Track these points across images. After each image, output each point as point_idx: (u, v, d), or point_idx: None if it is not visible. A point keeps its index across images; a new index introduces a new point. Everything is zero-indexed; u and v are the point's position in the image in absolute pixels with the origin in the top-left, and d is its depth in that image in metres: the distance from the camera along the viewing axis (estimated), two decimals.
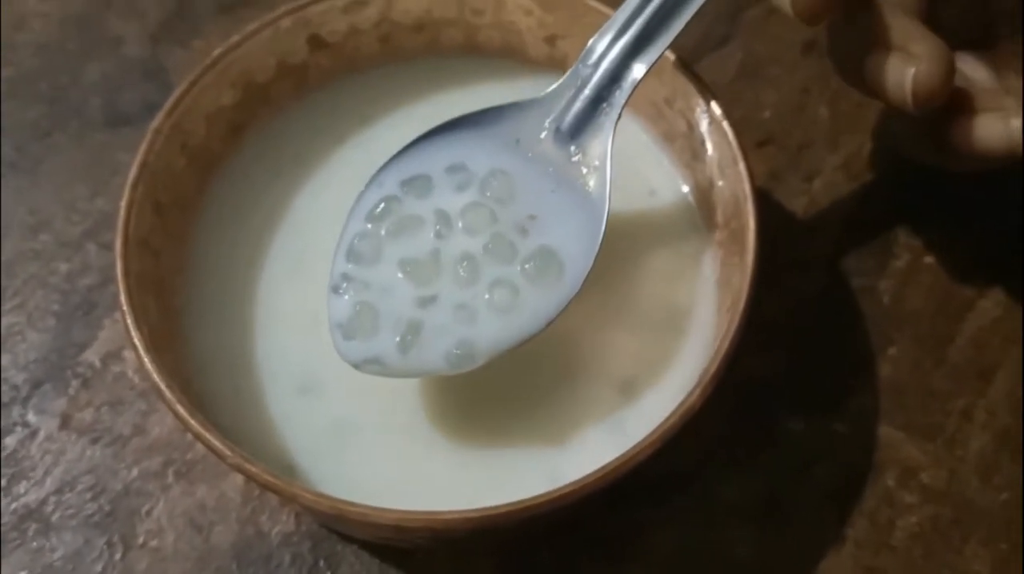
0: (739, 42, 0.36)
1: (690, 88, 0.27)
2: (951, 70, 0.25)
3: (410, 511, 0.22)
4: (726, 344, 0.24)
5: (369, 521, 0.22)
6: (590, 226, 0.26)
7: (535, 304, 0.25)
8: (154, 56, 0.36)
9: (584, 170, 0.26)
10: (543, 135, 0.27)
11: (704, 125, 0.27)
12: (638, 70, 0.26)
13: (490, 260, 0.25)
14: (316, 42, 0.30)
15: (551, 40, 0.30)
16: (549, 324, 0.25)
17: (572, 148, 0.27)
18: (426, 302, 0.25)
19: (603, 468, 0.22)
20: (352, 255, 0.26)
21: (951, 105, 0.27)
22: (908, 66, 0.25)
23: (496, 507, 0.22)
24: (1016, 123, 0.26)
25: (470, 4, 0.30)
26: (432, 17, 0.31)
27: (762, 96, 0.35)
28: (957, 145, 0.27)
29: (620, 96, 0.26)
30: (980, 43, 0.28)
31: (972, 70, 0.28)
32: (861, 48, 0.26)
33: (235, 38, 0.29)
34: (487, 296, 0.25)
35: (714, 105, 0.27)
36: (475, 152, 0.27)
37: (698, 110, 0.27)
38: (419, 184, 0.26)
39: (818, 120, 0.34)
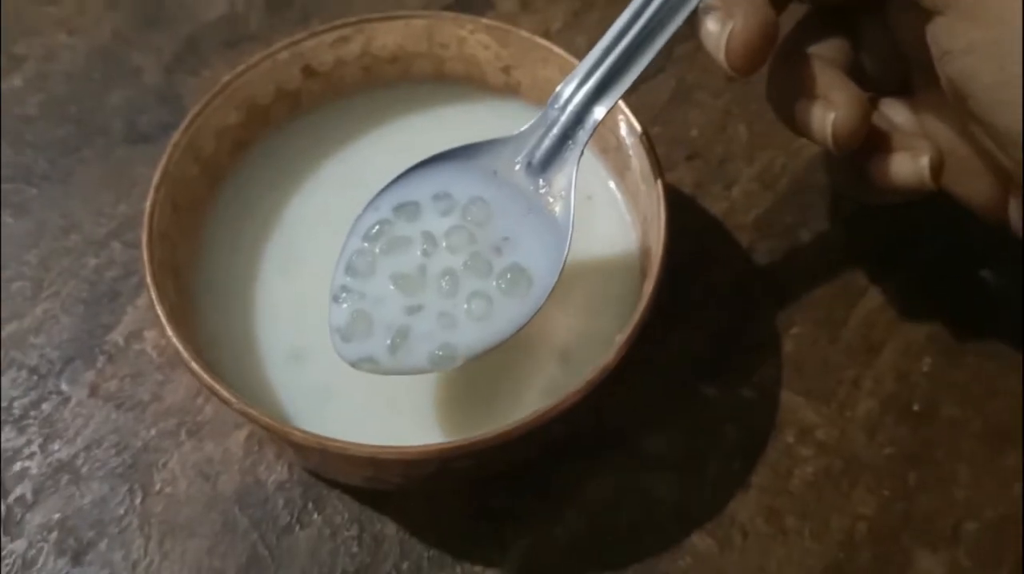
0: (672, 72, 0.40)
1: (617, 111, 0.31)
2: (866, 117, 0.28)
3: (383, 446, 0.25)
4: (638, 317, 0.27)
5: (348, 454, 0.25)
6: (556, 247, 0.28)
7: (507, 313, 0.28)
8: (169, 84, 0.40)
9: (551, 199, 0.29)
10: (517, 167, 0.29)
11: (628, 139, 0.31)
12: (598, 112, 0.28)
13: (469, 275, 0.28)
14: (308, 71, 0.34)
15: (506, 70, 0.34)
16: (519, 330, 0.28)
17: (541, 180, 0.29)
18: (413, 310, 0.28)
19: (536, 412, 0.26)
20: (350, 270, 0.28)
21: (871, 144, 0.29)
22: (828, 112, 0.27)
23: (453, 442, 0.25)
24: (924, 161, 0.28)
25: (437, 39, 0.34)
26: (405, 51, 0.34)
27: (690, 117, 0.38)
28: (875, 179, 0.29)
29: (583, 135, 0.28)
30: (902, 90, 0.31)
31: (894, 113, 0.30)
32: (791, 94, 0.29)
33: (240, 67, 0.32)
34: (466, 306, 0.28)
35: (635, 123, 0.31)
36: (458, 181, 0.29)
37: (622, 127, 0.31)
38: (409, 209, 0.29)
39: (737, 138, 0.38)
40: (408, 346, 0.27)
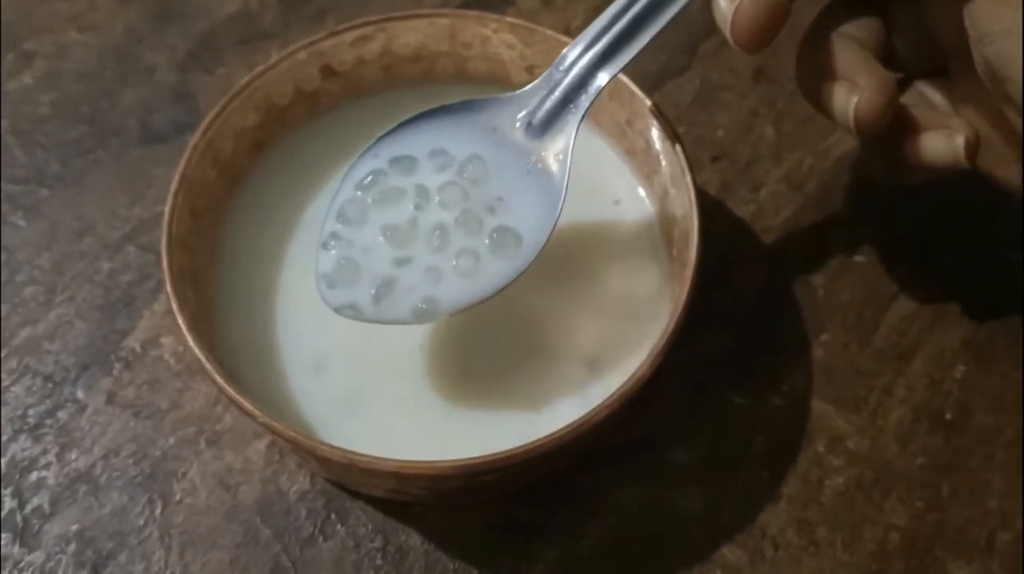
0: (696, 71, 0.39)
1: (647, 111, 0.31)
2: (890, 102, 0.27)
3: (408, 461, 0.25)
4: (673, 324, 0.27)
5: (374, 469, 0.25)
6: (548, 210, 0.28)
7: (493, 272, 0.27)
8: (183, 82, 0.39)
9: (549, 161, 0.28)
10: (517, 126, 0.29)
11: (658, 143, 0.31)
12: (602, 78, 0.28)
13: (459, 231, 0.28)
14: (327, 71, 0.33)
15: (530, 69, 0.33)
16: (500, 291, 0.27)
17: (540, 141, 0.29)
18: (402, 262, 0.28)
19: (568, 426, 0.25)
20: (341, 217, 0.28)
21: (905, 122, 0.28)
22: (852, 95, 0.27)
23: (480, 457, 0.25)
24: (959, 139, 0.28)
25: (460, 38, 0.33)
26: (428, 50, 0.34)
27: (716, 118, 0.38)
28: (909, 158, 0.28)
29: (585, 100, 0.28)
30: (936, 73, 0.30)
31: (930, 93, 0.30)
32: (818, 75, 0.28)
33: (258, 68, 0.31)
34: (454, 262, 0.27)
35: (666, 126, 0.30)
36: (457, 137, 0.29)
37: (653, 130, 0.31)
38: (405, 163, 0.29)
39: (764, 139, 0.37)
40: (392, 297, 0.27)
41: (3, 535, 0.30)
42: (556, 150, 0.29)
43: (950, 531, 0.30)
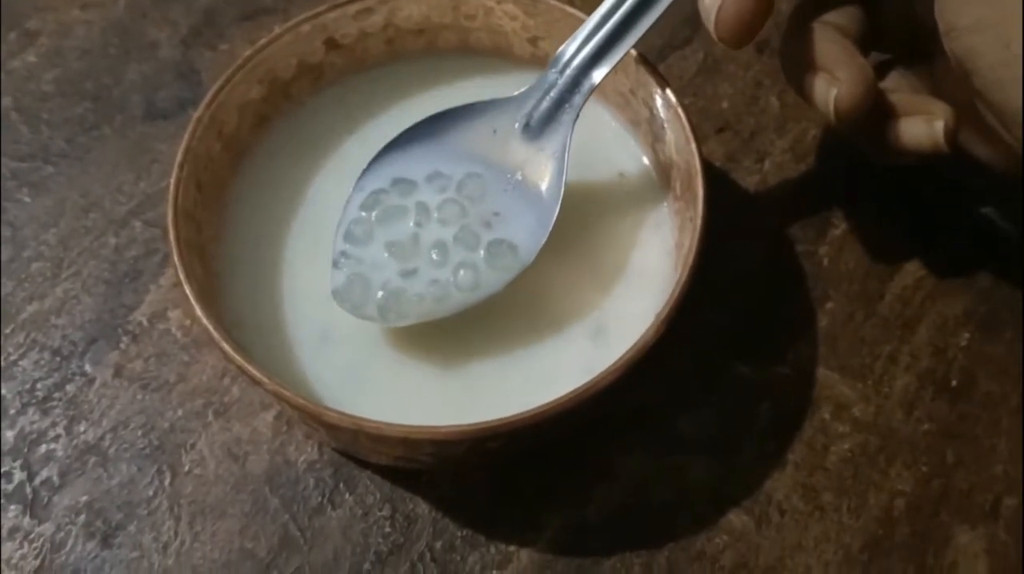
0: (700, 43, 0.39)
1: (650, 80, 0.31)
2: (868, 93, 0.28)
3: (415, 426, 0.25)
4: (677, 291, 0.27)
5: (382, 434, 0.25)
6: (542, 220, 0.29)
7: (491, 281, 0.29)
8: (186, 58, 0.39)
9: (546, 160, 0.30)
10: (516, 126, 0.30)
11: (662, 111, 0.31)
12: (596, 77, 0.29)
13: (458, 247, 0.29)
14: (331, 44, 0.33)
15: (534, 41, 0.33)
16: (497, 294, 0.29)
17: (538, 140, 0.30)
18: (408, 274, 0.29)
19: (573, 391, 0.25)
20: (349, 237, 0.30)
21: (887, 107, 0.29)
22: (831, 88, 0.28)
23: (486, 422, 0.25)
24: (938, 125, 0.28)
25: (463, 10, 0.33)
26: (431, 22, 0.34)
27: (720, 89, 0.38)
28: (891, 142, 0.29)
29: (579, 99, 0.30)
30: (921, 52, 0.31)
31: (912, 77, 0.31)
32: (800, 64, 0.29)
33: (262, 41, 0.31)
34: (455, 278, 0.29)
35: (669, 94, 0.30)
36: (456, 146, 0.30)
37: (657, 98, 0.31)
38: (405, 186, 0.30)
39: (769, 110, 0.37)
40: (400, 307, 0.29)
41: (13, 507, 0.30)
42: (552, 149, 0.30)
43: (955, 496, 0.31)
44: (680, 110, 0.30)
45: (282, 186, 0.33)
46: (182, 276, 0.27)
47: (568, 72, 0.30)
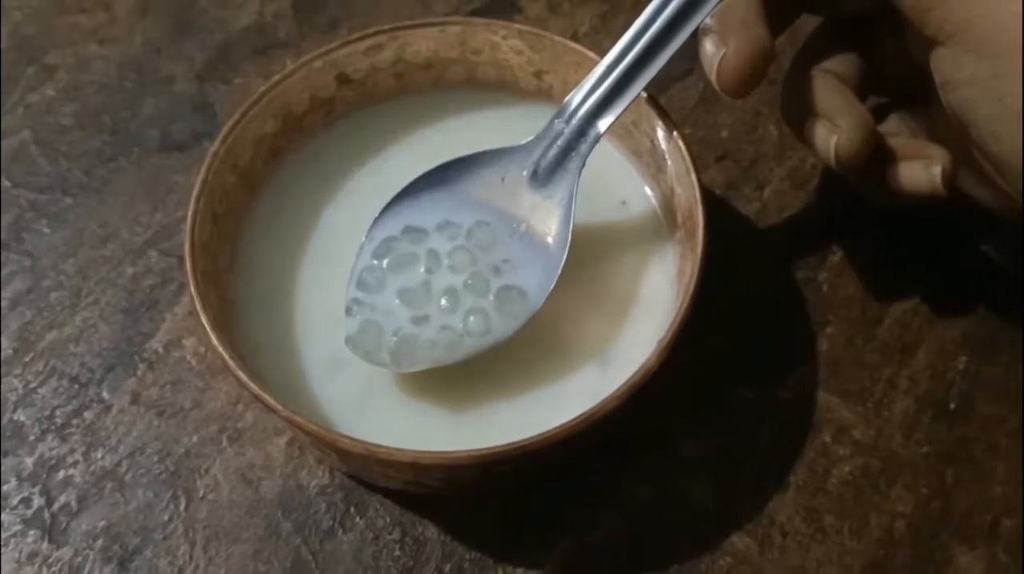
0: (699, 74, 0.39)
1: (651, 113, 0.31)
2: (868, 140, 0.29)
3: (425, 451, 0.26)
4: (679, 318, 0.27)
5: (393, 459, 0.26)
6: (549, 266, 0.30)
7: (500, 327, 0.30)
8: (201, 92, 0.40)
9: (553, 207, 0.31)
10: (524, 174, 0.31)
11: (663, 143, 0.31)
12: (601, 126, 0.30)
13: (468, 294, 0.30)
14: (342, 79, 0.34)
15: (538, 75, 0.34)
16: (507, 338, 0.30)
17: (545, 188, 0.31)
18: (419, 320, 0.30)
19: (580, 415, 0.26)
20: (361, 285, 0.30)
21: (886, 151, 0.30)
22: (832, 135, 0.29)
23: (494, 447, 0.26)
24: (936, 170, 0.29)
25: (470, 45, 0.34)
26: (439, 57, 0.34)
27: (719, 119, 0.39)
28: (890, 185, 0.30)
29: (585, 147, 0.30)
30: (920, 94, 0.31)
31: (911, 119, 0.32)
32: (800, 110, 0.30)
33: (276, 77, 0.32)
34: (464, 324, 0.30)
35: (671, 126, 0.31)
36: (466, 194, 0.31)
37: (658, 130, 0.31)
38: (416, 234, 0.31)
39: (768, 138, 0.38)
40: (412, 353, 0.29)
41: (32, 532, 0.31)
42: (561, 195, 0.31)
43: (955, 518, 0.31)
44: (680, 142, 0.31)
45: (295, 216, 0.33)
46: (198, 306, 0.28)
47: (574, 122, 0.30)
